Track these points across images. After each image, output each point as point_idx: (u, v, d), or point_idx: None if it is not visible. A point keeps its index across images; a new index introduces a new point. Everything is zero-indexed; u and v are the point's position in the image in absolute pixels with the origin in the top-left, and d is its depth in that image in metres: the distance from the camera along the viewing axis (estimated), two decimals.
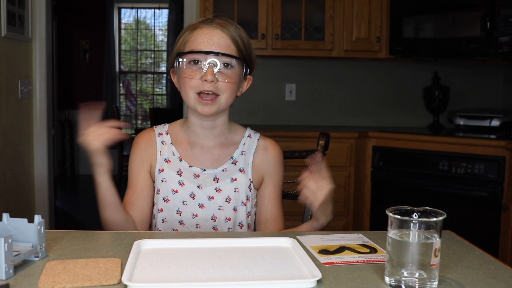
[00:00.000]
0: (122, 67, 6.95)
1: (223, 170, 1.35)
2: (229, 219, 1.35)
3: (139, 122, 7.09)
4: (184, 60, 1.28)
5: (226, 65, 1.27)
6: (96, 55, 6.64)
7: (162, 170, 1.35)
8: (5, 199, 2.83)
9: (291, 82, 3.67)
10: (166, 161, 1.36)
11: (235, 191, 1.35)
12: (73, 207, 5.11)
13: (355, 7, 3.30)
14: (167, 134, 1.40)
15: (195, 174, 1.34)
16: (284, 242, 1.05)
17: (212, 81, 1.25)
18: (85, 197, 5.54)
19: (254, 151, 1.39)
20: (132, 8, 6.91)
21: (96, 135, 1.17)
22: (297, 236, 1.10)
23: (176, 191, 1.33)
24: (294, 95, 3.67)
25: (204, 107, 1.27)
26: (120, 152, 5.60)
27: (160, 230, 1.35)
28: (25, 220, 0.94)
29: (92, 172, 1.22)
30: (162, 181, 1.34)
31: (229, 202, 1.34)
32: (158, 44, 7.04)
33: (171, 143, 1.38)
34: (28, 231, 0.93)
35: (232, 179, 1.35)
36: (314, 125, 3.61)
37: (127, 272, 0.85)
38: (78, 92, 6.67)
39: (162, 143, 1.38)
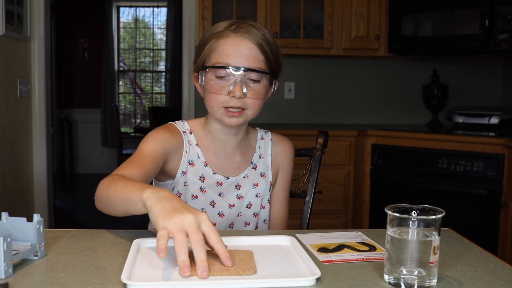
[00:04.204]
0: (122, 64, 6.95)
1: (244, 177, 1.34)
2: (249, 224, 1.35)
3: (137, 121, 7.09)
4: (211, 73, 1.22)
5: (255, 80, 1.22)
6: (95, 53, 6.63)
7: (185, 173, 1.29)
8: (4, 198, 2.83)
9: (290, 81, 3.67)
10: (190, 164, 1.29)
11: (256, 196, 1.35)
12: (72, 206, 5.11)
13: (354, 5, 3.30)
14: (191, 133, 1.32)
15: (217, 182, 1.31)
16: (284, 241, 1.05)
17: (241, 97, 1.20)
18: (84, 196, 5.54)
19: (270, 153, 1.39)
20: (130, 6, 6.90)
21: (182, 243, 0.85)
22: (296, 235, 1.10)
23: (196, 197, 1.30)
24: (293, 94, 3.67)
25: (231, 119, 1.23)
26: (119, 151, 5.60)
27: None
28: (24, 219, 0.94)
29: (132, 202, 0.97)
30: (184, 185, 1.30)
31: (249, 208, 1.34)
32: (157, 42, 7.04)
33: (196, 144, 1.31)
34: (27, 230, 0.93)
35: (254, 184, 1.35)
36: (313, 123, 3.61)
37: (126, 271, 0.84)
38: (77, 91, 6.67)
39: (188, 143, 1.30)
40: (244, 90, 1.20)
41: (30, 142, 3.23)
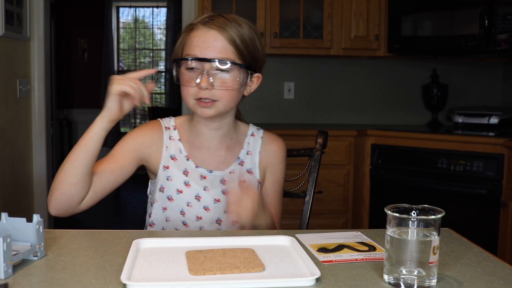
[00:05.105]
0: (121, 65, 6.95)
1: (230, 172, 1.33)
2: (236, 222, 1.33)
3: (137, 121, 7.09)
4: (181, 66, 1.25)
5: (222, 70, 1.22)
6: (95, 54, 6.63)
7: (168, 168, 1.31)
8: (3, 198, 2.83)
9: (290, 81, 3.66)
10: (172, 158, 1.32)
11: None
12: None
13: (354, 5, 3.30)
14: (175, 129, 1.35)
15: (201, 176, 1.31)
16: (283, 241, 1.05)
17: (207, 88, 1.21)
18: None
19: (259, 151, 1.37)
20: (130, 7, 6.90)
21: (126, 81, 1.13)
22: (296, 235, 1.10)
23: (181, 191, 1.31)
24: (293, 94, 3.67)
25: (203, 110, 1.24)
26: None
27: (163, 228, 1.34)
28: (24, 219, 0.94)
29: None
30: (168, 179, 1.31)
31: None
32: (157, 43, 7.04)
33: (179, 139, 1.34)
34: (27, 230, 0.93)
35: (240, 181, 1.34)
36: (312, 124, 3.61)
37: (126, 271, 0.84)
38: (76, 91, 6.67)
39: (170, 138, 1.33)
40: (211, 80, 1.21)
41: (30, 142, 3.23)
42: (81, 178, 1.16)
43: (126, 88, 1.12)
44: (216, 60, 1.21)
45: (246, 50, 1.25)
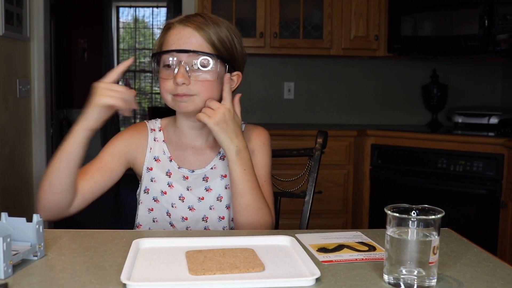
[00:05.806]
0: None
1: (212, 168, 1.33)
2: (223, 218, 1.32)
3: (137, 121, 7.09)
4: (157, 62, 1.25)
5: (199, 66, 1.20)
6: (95, 54, 6.63)
7: (151, 169, 1.32)
8: (3, 198, 2.83)
9: (290, 81, 3.67)
10: (155, 160, 1.32)
11: (226, 188, 1.32)
12: None
13: (353, 5, 3.30)
14: (160, 130, 1.36)
15: (184, 176, 1.31)
16: (283, 241, 1.05)
17: (184, 83, 1.19)
18: None
19: None
20: (130, 6, 6.90)
21: (110, 93, 1.14)
22: (296, 235, 1.10)
23: (165, 193, 1.31)
24: (293, 94, 3.67)
25: (181, 104, 1.23)
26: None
27: (149, 229, 1.34)
28: (24, 219, 0.94)
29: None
30: (152, 181, 1.32)
31: (220, 201, 1.32)
32: None
33: (163, 141, 1.34)
34: (26, 230, 0.93)
35: (221, 176, 1.33)
36: (312, 124, 3.61)
37: (126, 271, 0.84)
38: (76, 91, 6.67)
39: (154, 140, 1.34)
40: (187, 76, 1.20)
41: (30, 142, 3.23)
42: (66, 187, 1.19)
43: (112, 102, 1.13)
44: (194, 50, 1.20)
45: (223, 47, 1.23)
